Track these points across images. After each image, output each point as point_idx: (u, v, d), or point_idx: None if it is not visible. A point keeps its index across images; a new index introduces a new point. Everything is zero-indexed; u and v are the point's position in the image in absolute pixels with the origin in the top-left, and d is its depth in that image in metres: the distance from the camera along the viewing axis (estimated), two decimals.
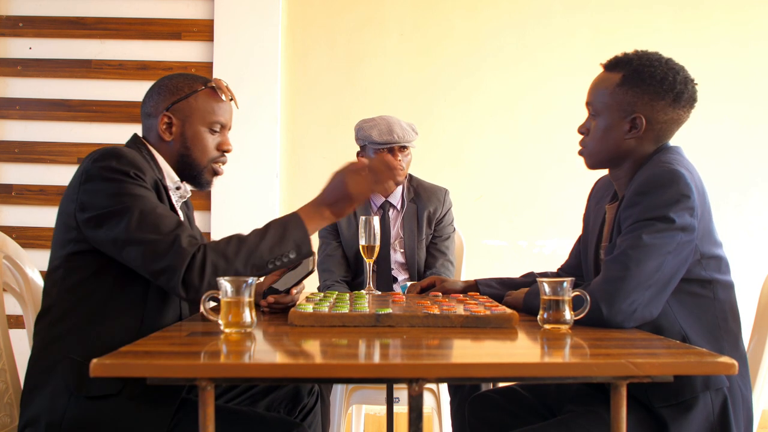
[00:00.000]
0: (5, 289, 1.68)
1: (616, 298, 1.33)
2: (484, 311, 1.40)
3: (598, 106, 1.54)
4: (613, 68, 1.55)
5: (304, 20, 3.51)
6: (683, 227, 1.37)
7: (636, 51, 1.55)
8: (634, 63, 1.52)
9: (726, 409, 1.36)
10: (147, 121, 1.63)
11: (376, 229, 1.94)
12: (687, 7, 3.47)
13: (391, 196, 2.52)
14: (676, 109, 1.50)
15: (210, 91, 1.62)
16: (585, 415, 1.41)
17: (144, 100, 1.64)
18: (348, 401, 2.38)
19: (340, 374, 1.12)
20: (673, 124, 1.51)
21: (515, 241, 3.48)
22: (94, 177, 1.43)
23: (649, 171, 1.43)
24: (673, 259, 1.36)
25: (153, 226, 1.38)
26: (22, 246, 1.77)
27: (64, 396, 1.39)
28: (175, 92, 1.60)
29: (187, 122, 1.60)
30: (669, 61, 1.54)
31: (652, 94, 1.48)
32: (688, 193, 1.38)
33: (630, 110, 1.50)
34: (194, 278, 1.36)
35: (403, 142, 2.40)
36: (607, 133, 1.52)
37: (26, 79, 3.43)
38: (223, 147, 1.65)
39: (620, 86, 1.51)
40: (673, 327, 1.40)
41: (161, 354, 1.11)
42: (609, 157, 1.55)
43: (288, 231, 1.45)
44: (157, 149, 1.61)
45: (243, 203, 3.36)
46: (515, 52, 3.48)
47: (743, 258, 3.42)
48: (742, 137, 3.45)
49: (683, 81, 1.50)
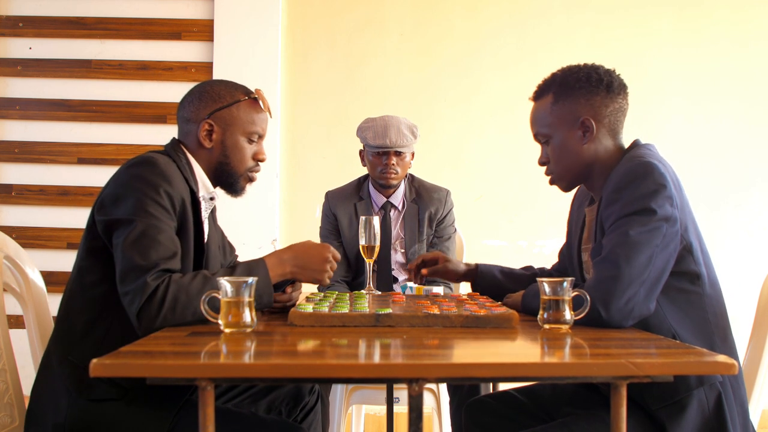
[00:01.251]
0: (5, 289, 1.68)
1: (612, 298, 1.33)
2: (484, 311, 1.40)
3: (545, 131, 1.59)
4: (542, 95, 1.60)
5: (304, 20, 3.52)
6: (666, 218, 1.38)
7: (553, 72, 1.61)
8: (557, 79, 1.58)
9: (720, 403, 1.36)
10: (186, 126, 1.62)
11: (376, 229, 1.94)
12: (687, 7, 3.47)
13: (393, 197, 2.52)
14: (613, 98, 1.55)
15: (252, 101, 1.63)
16: (586, 418, 1.42)
17: (183, 104, 1.64)
18: (348, 401, 2.38)
19: (340, 374, 1.12)
20: (618, 113, 1.56)
21: (515, 241, 3.48)
22: (122, 182, 1.44)
23: (623, 167, 1.46)
24: (662, 252, 1.37)
25: (144, 249, 1.37)
26: (22, 246, 1.77)
27: (66, 397, 1.39)
28: (217, 100, 1.60)
29: (228, 131, 1.60)
30: (586, 64, 1.59)
31: (586, 94, 1.54)
32: (664, 183, 1.40)
33: (574, 118, 1.54)
34: (152, 310, 1.34)
35: (396, 148, 2.38)
36: (566, 149, 1.56)
37: (26, 79, 3.43)
38: (259, 156, 1.67)
39: (555, 103, 1.56)
40: (662, 324, 1.40)
41: (161, 354, 1.11)
42: (578, 171, 1.58)
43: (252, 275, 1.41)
44: (194, 155, 1.61)
45: (243, 203, 3.33)
46: (515, 52, 3.48)
47: (743, 258, 3.42)
48: (742, 137, 3.45)
49: (606, 72, 1.56)
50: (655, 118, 3.45)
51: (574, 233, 1.70)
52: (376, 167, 2.43)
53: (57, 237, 3.43)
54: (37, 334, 1.70)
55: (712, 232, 3.45)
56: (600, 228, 1.50)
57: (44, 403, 1.42)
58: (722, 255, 3.44)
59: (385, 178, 2.43)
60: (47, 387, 1.44)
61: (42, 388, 1.45)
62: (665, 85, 3.46)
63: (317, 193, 3.13)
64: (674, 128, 3.45)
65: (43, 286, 1.75)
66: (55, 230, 3.43)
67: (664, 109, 3.46)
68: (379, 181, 2.47)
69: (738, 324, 3.64)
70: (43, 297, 1.74)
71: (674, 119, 3.46)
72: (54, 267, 3.28)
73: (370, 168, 2.48)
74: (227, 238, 1.90)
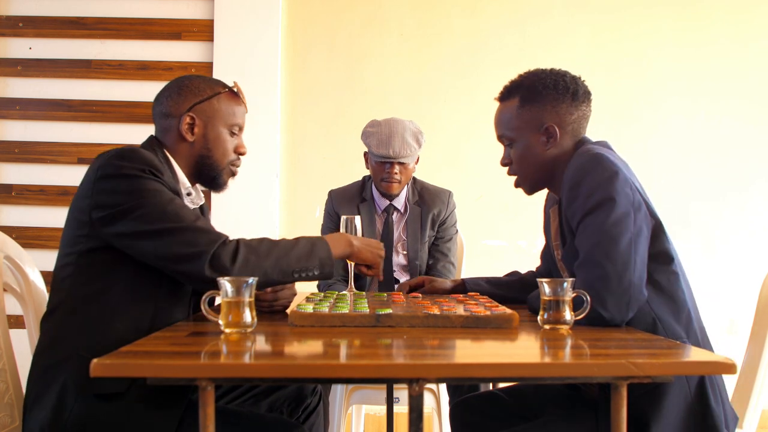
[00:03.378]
0: (5, 289, 1.68)
1: (606, 297, 1.33)
2: (484, 311, 1.40)
3: (509, 134, 1.61)
4: (508, 96, 1.62)
5: (304, 20, 3.51)
6: (630, 203, 1.39)
7: (521, 74, 1.63)
8: (525, 83, 1.59)
9: (703, 388, 1.36)
10: (164, 121, 1.62)
11: (358, 230, 1.91)
12: (687, 6, 3.47)
13: (396, 200, 2.51)
14: (577, 106, 1.57)
15: (231, 93, 1.65)
16: (567, 417, 1.44)
17: (159, 100, 1.63)
18: (348, 401, 2.38)
19: (340, 374, 1.12)
20: (581, 120, 1.59)
21: (515, 241, 3.47)
22: (111, 174, 1.44)
23: (573, 165, 1.48)
24: (638, 237, 1.37)
25: (174, 215, 1.41)
26: (22, 246, 1.77)
27: (70, 396, 1.38)
28: (197, 93, 1.61)
29: (209, 123, 1.61)
30: (553, 70, 1.61)
31: (552, 101, 1.56)
32: (615, 169, 1.41)
33: (539, 123, 1.57)
34: (225, 260, 1.38)
35: (399, 159, 2.36)
36: (529, 153, 1.59)
37: (26, 79, 3.43)
38: (240, 150, 1.68)
39: (521, 107, 1.58)
40: (643, 309, 1.40)
41: (161, 354, 1.11)
42: (540, 175, 1.61)
43: (315, 248, 1.50)
44: (174, 150, 1.61)
45: (243, 203, 3.36)
46: (515, 51, 3.48)
47: (743, 258, 3.42)
48: (743, 136, 3.45)
49: (572, 80, 1.58)
50: (655, 117, 3.44)
51: (548, 237, 1.73)
52: (379, 175, 2.43)
53: (57, 237, 3.38)
54: (37, 335, 1.70)
55: (712, 231, 3.45)
56: (568, 228, 1.51)
57: (44, 402, 1.41)
58: (722, 254, 3.44)
59: (387, 188, 2.43)
60: (47, 386, 1.42)
61: (41, 388, 1.43)
62: (665, 85, 3.46)
63: (317, 192, 3.13)
64: (674, 127, 3.45)
65: (43, 286, 1.75)
66: (55, 230, 3.42)
67: (664, 109, 3.46)
68: (381, 190, 2.46)
69: (738, 324, 3.65)
70: (43, 297, 1.74)
71: (674, 118, 3.46)
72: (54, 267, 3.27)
73: (373, 173, 2.48)
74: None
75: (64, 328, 1.45)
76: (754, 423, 1.57)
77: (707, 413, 1.35)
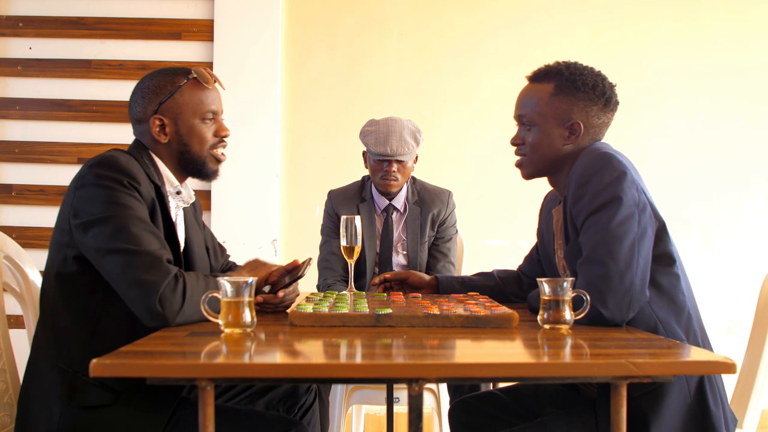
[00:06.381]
0: (5, 289, 1.68)
1: (607, 295, 1.33)
2: (484, 311, 1.40)
3: (532, 117, 1.59)
4: (542, 79, 1.60)
5: (304, 20, 3.51)
6: (635, 204, 1.39)
7: (559, 62, 1.61)
8: (565, 73, 1.57)
9: (702, 389, 1.36)
10: (139, 127, 1.61)
11: (357, 229, 1.91)
12: (687, 6, 3.47)
13: (395, 200, 2.51)
14: (606, 112, 1.57)
15: (193, 82, 1.59)
16: (565, 417, 1.44)
17: (130, 106, 1.62)
18: (348, 401, 2.38)
19: (340, 374, 1.12)
20: (603, 126, 1.59)
21: (515, 241, 3.47)
22: (88, 183, 1.42)
23: (581, 163, 1.48)
24: (642, 238, 1.38)
25: (135, 238, 1.36)
26: (22, 246, 1.76)
27: (58, 404, 1.38)
28: (158, 92, 1.57)
29: (179, 119, 1.57)
30: (594, 69, 1.60)
31: (586, 100, 1.55)
32: (623, 170, 1.42)
33: (567, 117, 1.55)
34: (174, 299, 1.33)
35: (396, 156, 2.36)
36: (546, 141, 1.57)
37: (26, 79, 3.43)
38: (221, 133, 1.62)
39: (555, 95, 1.56)
40: (644, 311, 1.40)
41: (161, 354, 1.11)
42: (549, 165, 1.59)
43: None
44: (156, 151, 1.59)
45: (243, 203, 3.36)
46: (515, 50, 3.48)
47: (743, 257, 3.42)
48: (742, 136, 3.45)
49: (609, 87, 1.58)
50: (655, 117, 3.44)
51: (548, 240, 1.71)
52: (377, 173, 2.43)
53: None
54: None
55: (712, 231, 3.45)
56: (572, 225, 1.50)
57: (35, 410, 1.40)
58: (722, 254, 3.44)
59: (385, 185, 2.43)
60: (37, 394, 1.41)
61: (31, 396, 1.42)
62: (665, 84, 3.46)
63: (317, 192, 3.13)
64: (674, 127, 3.45)
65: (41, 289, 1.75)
66: None
67: (664, 108, 3.46)
68: (380, 188, 2.47)
69: (738, 324, 3.65)
70: None
71: (674, 118, 3.45)
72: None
73: (371, 172, 2.48)
74: (217, 240, 1.87)
75: (50, 337, 1.44)
76: (754, 423, 1.57)
77: (706, 415, 1.35)
